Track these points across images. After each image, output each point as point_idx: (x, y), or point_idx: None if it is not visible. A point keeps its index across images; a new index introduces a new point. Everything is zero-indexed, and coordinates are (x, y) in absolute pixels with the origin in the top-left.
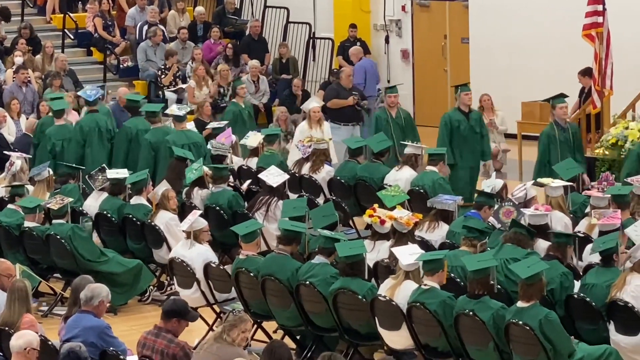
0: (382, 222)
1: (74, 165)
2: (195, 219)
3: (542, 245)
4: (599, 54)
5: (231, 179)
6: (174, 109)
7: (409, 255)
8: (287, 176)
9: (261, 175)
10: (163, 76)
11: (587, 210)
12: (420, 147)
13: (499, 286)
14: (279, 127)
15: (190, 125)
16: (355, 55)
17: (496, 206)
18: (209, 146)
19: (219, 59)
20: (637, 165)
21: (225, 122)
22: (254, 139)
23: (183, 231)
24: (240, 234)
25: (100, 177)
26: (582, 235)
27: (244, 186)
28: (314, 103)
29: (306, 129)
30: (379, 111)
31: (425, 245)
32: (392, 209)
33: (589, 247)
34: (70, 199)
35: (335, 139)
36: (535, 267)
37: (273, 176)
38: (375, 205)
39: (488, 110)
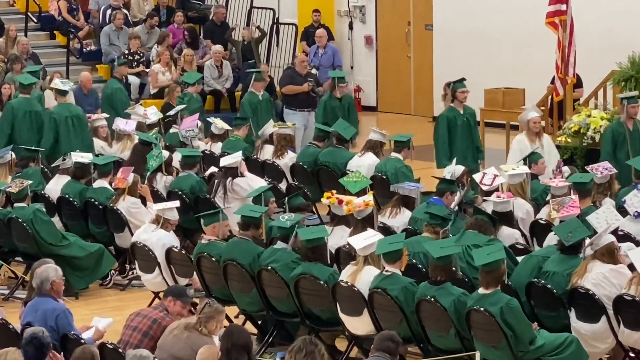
0: (340, 202)
1: (32, 148)
2: (171, 208)
3: (505, 232)
4: (562, 41)
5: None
6: (57, 83)
7: (363, 240)
8: (239, 157)
9: (222, 159)
10: (152, 61)
11: (549, 197)
12: (384, 133)
13: (460, 272)
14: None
15: (139, 109)
16: (322, 38)
17: (457, 192)
18: (172, 130)
19: (182, 44)
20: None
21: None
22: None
23: (157, 211)
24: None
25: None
26: (544, 222)
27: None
28: (533, 113)
29: (525, 141)
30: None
31: (387, 230)
32: (357, 194)
33: (551, 235)
34: (30, 182)
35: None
36: (493, 254)
37: (228, 158)
38: (334, 191)
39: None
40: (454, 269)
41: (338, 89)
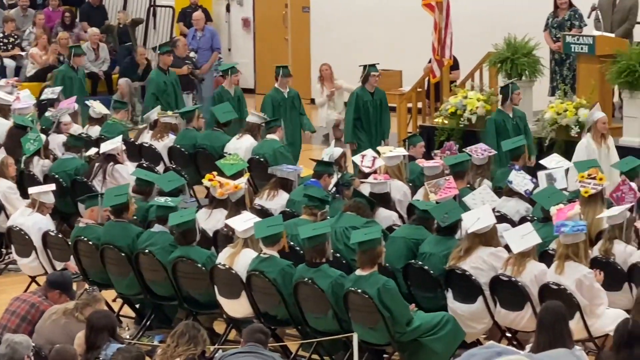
0: (221, 185)
1: None
2: (47, 192)
3: (383, 214)
4: (439, 23)
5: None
6: None
7: (243, 222)
8: (119, 142)
9: (102, 144)
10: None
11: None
12: (262, 116)
13: (337, 254)
14: (122, 97)
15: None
16: (199, 21)
17: (335, 174)
18: (47, 114)
19: (58, 27)
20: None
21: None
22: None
23: (30, 195)
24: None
25: None
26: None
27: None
28: (599, 113)
29: (592, 144)
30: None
31: (264, 213)
32: (232, 177)
33: None
34: None
35: None
36: (369, 234)
37: (109, 143)
38: (215, 173)
39: (328, 80)
40: (328, 250)
41: (371, 78)
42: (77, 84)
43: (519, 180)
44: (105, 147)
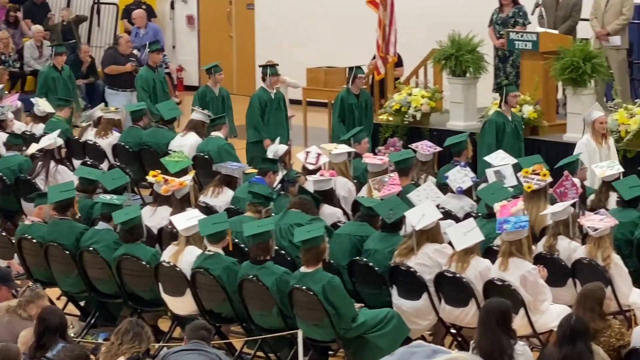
0: (166, 182)
1: None
2: None
3: (327, 210)
4: (383, 20)
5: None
6: None
7: (186, 220)
8: (54, 138)
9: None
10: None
11: None
12: (207, 113)
13: (282, 251)
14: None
15: None
16: (140, 19)
17: (280, 171)
18: None
19: (1, 24)
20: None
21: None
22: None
23: None
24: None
25: None
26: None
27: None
28: (598, 112)
29: (592, 143)
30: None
31: (209, 210)
32: (176, 174)
33: None
34: None
35: (113, 104)
36: (313, 232)
37: (45, 139)
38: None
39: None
40: (275, 247)
41: (357, 80)
42: (60, 84)
43: (458, 177)
44: (42, 142)
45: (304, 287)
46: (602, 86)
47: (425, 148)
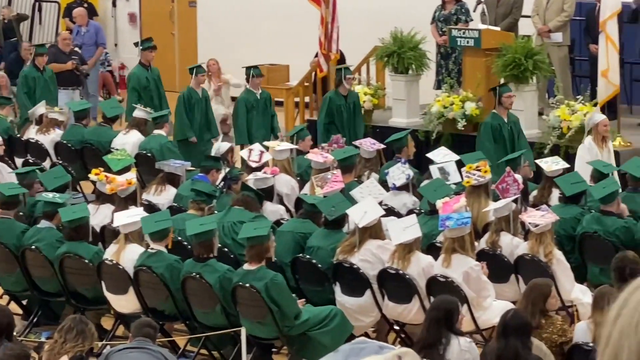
0: (109, 180)
1: None
2: None
3: (269, 208)
4: (325, 17)
5: None
6: None
7: (126, 217)
8: None
9: None
10: None
11: None
12: (148, 111)
13: (225, 249)
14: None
15: None
16: (81, 17)
17: (223, 169)
18: None
19: None
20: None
21: None
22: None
23: None
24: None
25: None
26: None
27: None
28: (600, 115)
29: (594, 147)
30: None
31: (152, 208)
32: (119, 172)
33: None
34: None
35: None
36: (258, 229)
37: None
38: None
39: (215, 75)
40: (215, 245)
41: (346, 81)
42: (41, 84)
43: (397, 173)
44: None
45: (247, 285)
46: (544, 83)
47: (368, 145)
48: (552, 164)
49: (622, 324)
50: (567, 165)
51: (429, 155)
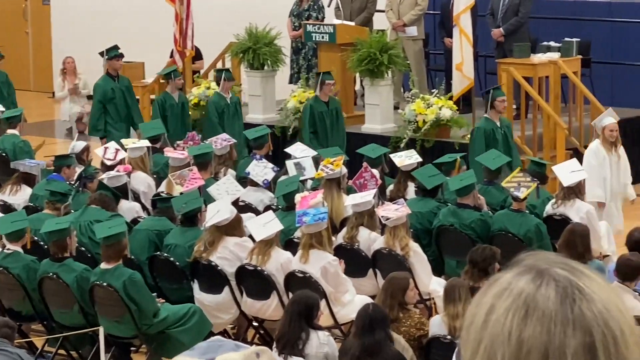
0: None
1: None
2: None
3: (125, 205)
4: (180, 14)
5: None
6: None
7: None
8: None
9: None
10: None
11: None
12: (0, 110)
13: (82, 248)
14: None
15: None
16: None
17: (77, 168)
18: None
19: None
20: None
21: None
22: None
23: None
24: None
25: None
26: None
27: None
28: (610, 119)
29: (602, 151)
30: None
31: (7, 208)
32: None
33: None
34: None
35: None
36: (114, 228)
37: None
38: None
39: (71, 73)
40: (72, 245)
41: (325, 86)
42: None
43: (259, 170)
44: None
45: (104, 284)
46: (399, 77)
47: (219, 142)
48: (405, 158)
49: (492, 332)
50: (420, 159)
51: (287, 150)
